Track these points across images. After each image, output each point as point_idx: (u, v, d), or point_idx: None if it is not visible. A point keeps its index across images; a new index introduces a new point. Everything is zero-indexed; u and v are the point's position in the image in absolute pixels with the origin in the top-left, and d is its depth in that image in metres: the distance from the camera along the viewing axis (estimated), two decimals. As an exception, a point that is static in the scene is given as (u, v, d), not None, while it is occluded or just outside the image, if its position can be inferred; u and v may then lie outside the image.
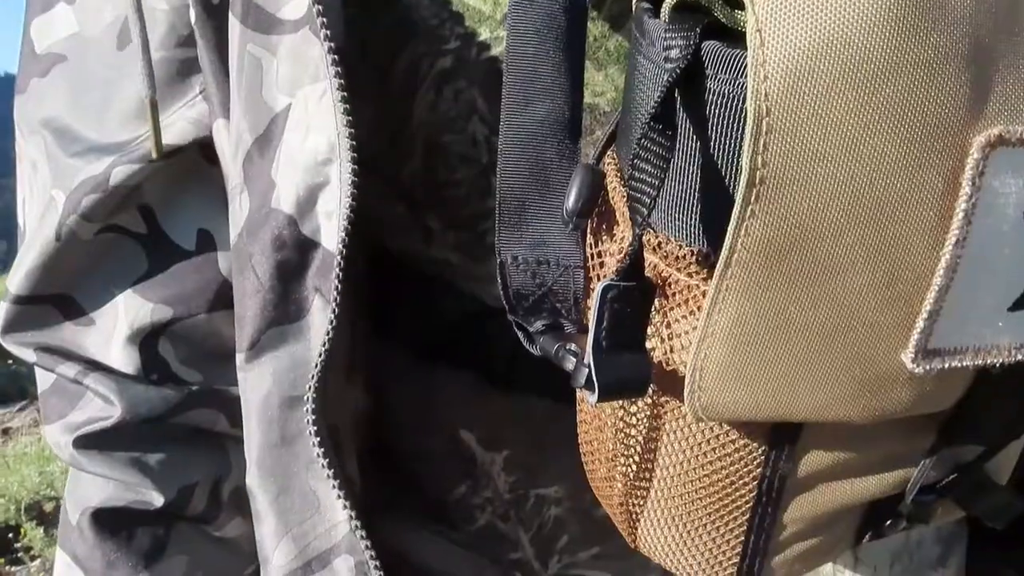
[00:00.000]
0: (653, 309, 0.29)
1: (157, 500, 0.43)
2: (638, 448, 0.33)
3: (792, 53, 0.22)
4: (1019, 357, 0.27)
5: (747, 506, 0.32)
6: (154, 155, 0.40)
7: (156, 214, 0.43)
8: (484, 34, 0.35)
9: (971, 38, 0.23)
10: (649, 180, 0.25)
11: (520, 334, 0.31)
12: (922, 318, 0.25)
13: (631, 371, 0.27)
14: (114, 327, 0.43)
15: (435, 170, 0.39)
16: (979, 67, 0.23)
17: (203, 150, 0.42)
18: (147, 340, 0.43)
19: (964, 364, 0.27)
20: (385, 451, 0.44)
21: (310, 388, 0.34)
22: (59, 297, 0.43)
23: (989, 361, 0.27)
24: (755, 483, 0.31)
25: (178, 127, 0.41)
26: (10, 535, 2.25)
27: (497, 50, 0.36)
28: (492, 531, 0.44)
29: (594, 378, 0.26)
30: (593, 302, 0.26)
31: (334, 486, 0.34)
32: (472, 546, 0.44)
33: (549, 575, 0.45)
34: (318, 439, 0.34)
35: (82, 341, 0.44)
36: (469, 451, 0.43)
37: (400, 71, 0.37)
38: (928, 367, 0.26)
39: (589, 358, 0.26)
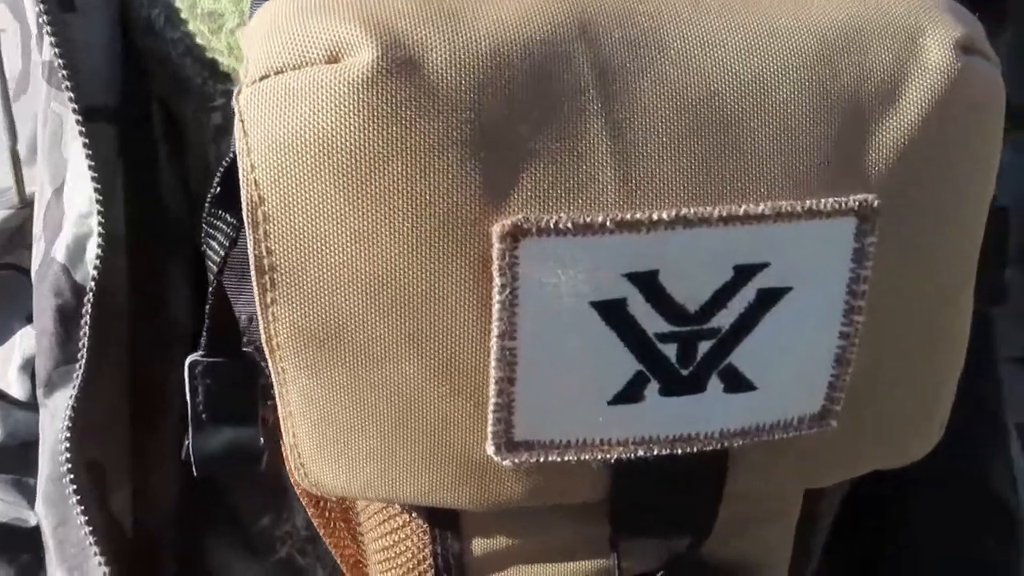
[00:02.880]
0: None
1: (32, 519, 0.46)
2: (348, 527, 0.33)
3: (272, 142, 0.21)
4: (641, 453, 0.25)
5: None
6: (17, 202, 0.44)
7: None
8: None
9: (475, 124, 0.21)
10: (213, 257, 0.25)
11: None
12: (491, 411, 0.24)
13: (233, 446, 0.27)
14: (11, 357, 0.48)
15: None
16: (492, 153, 0.22)
17: None
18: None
19: (567, 459, 0.25)
20: (209, 480, 0.45)
21: (63, 428, 0.36)
22: None
23: (601, 456, 0.25)
24: (432, 559, 0.31)
25: None
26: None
27: None
28: (292, 564, 0.44)
29: (190, 451, 0.27)
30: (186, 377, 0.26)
31: (81, 523, 0.36)
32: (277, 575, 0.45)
33: None
34: (71, 476, 0.36)
35: None
36: (282, 484, 0.44)
37: (191, 122, 0.39)
38: (516, 460, 0.25)
39: (189, 430, 0.27)
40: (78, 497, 0.36)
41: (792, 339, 0.25)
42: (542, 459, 0.25)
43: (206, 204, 0.25)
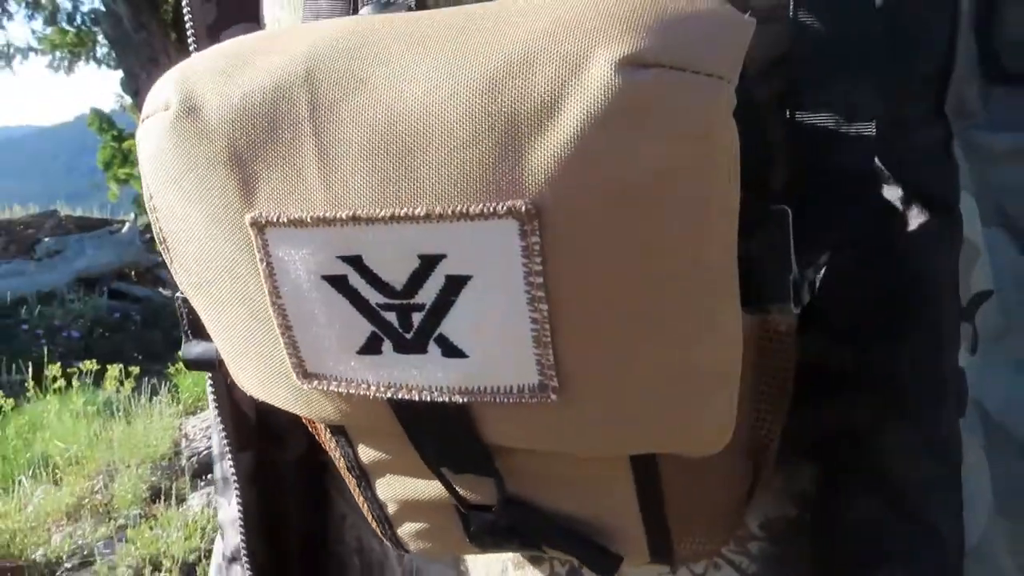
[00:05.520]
0: None
1: None
2: None
3: (146, 160, 0.34)
4: (389, 395, 0.33)
5: (354, 481, 0.41)
6: None
7: None
8: None
9: (230, 148, 0.31)
10: None
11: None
12: (283, 348, 0.34)
13: (203, 355, 0.41)
14: None
15: None
16: (243, 167, 0.31)
17: None
18: None
19: (341, 391, 0.34)
20: None
21: None
22: None
23: (362, 392, 0.33)
24: (344, 460, 0.41)
25: None
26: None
27: None
28: None
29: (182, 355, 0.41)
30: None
31: (214, 405, 0.52)
32: None
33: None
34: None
35: None
36: None
37: None
38: (310, 386, 0.34)
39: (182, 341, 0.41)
40: (211, 383, 0.52)
41: (487, 318, 0.30)
42: (327, 388, 0.34)
43: None
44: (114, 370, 3.72)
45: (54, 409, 3.70)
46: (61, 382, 3.90)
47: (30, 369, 4.03)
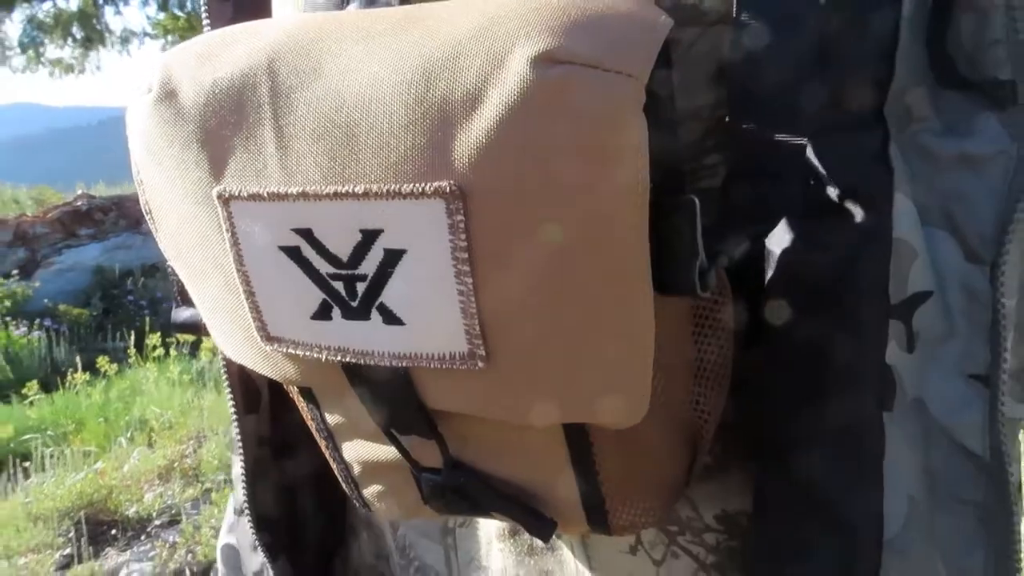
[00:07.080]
0: None
1: None
2: None
3: (134, 137, 0.37)
4: (339, 359, 0.36)
5: (323, 442, 0.44)
6: None
7: None
8: None
9: (202, 129, 0.34)
10: None
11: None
12: (248, 312, 0.37)
13: (190, 319, 0.44)
14: None
15: None
16: (213, 146, 0.34)
17: None
18: None
19: (301, 353, 0.37)
20: None
21: None
22: None
23: (316, 355, 0.36)
24: (314, 422, 0.44)
25: None
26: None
27: None
28: None
29: (172, 319, 0.45)
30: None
31: (223, 369, 0.56)
32: None
33: None
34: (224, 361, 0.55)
35: None
36: None
37: None
38: (272, 348, 0.37)
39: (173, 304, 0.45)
40: (222, 355, 0.55)
41: (420, 290, 0.33)
42: (287, 351, 0.37)
43: None
44: (209, 341, 3.91)
45: (152, 376, 3.92)
46: (160, 351, 4.13)
47: (132, 337, 4.28)
